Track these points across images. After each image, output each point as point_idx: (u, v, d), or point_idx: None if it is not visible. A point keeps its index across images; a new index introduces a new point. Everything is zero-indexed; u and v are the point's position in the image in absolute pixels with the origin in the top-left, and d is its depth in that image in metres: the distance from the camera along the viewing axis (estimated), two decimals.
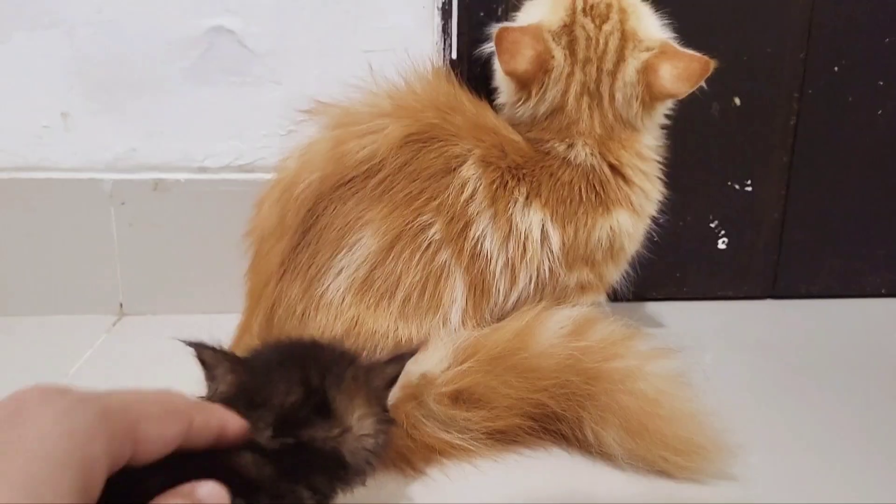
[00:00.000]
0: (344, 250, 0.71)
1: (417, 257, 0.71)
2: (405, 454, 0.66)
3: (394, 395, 0.56)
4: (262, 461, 0.45)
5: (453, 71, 0.96)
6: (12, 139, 0.97)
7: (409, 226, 0.71)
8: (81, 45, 0.95)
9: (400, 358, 0.55)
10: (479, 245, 0.73)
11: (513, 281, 0.75)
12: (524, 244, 0.74)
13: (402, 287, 0.71)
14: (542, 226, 0.75)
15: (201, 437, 0.42)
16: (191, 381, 0.82)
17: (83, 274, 1.00)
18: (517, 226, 0.74)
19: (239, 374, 0.52)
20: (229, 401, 0.49)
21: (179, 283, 1.01)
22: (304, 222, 0.72)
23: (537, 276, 0.75)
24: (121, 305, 1.02)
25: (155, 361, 0.89)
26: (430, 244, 0.71)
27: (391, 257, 0.71)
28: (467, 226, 0.72)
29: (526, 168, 0.76)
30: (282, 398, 0.48)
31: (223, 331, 0.82)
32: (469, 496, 0.65)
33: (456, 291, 0.73)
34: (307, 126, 0.82)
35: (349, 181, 0.72)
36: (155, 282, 1.01)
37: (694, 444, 0.66)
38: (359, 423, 0.50)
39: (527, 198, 0.75)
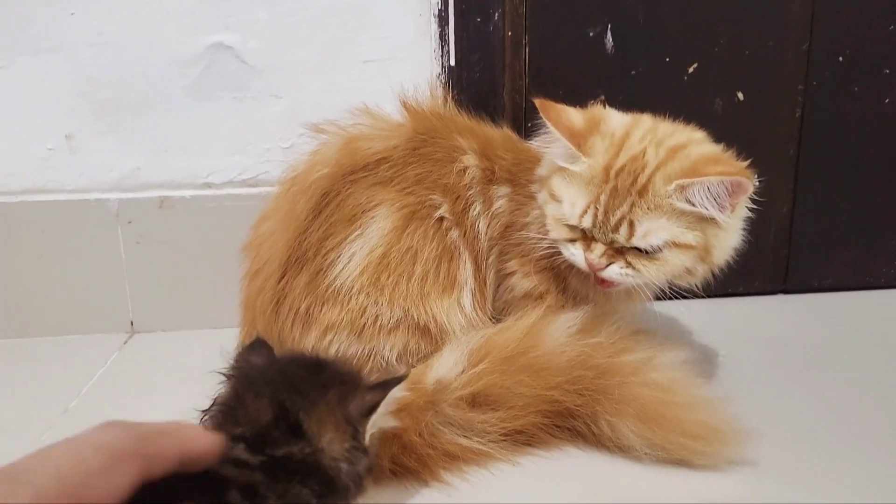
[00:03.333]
0: (357, 231, 0.72)
1: (432, 233, 0.74)
2: (426, 463, 0.66)
3: (379, 422, 0.55)
4: (247, 472, 0.46)
5: (451, 77, 0.97)
6: (19, 163, 0.98)
7: (423, 202, 0.75)
8: (83, 68, 0.96)
9: (383, 386, 0.54)
10: (476, 225, 0.77)
11: (493, 267, 0.79)
12: (494, 218, 0.78)
13: (420, 262, 0.73)
14: (504, 198, 0.79)
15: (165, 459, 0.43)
16: (200, 396, 0.83)
17: (93, 293, 1.01)
18: (492, 204, 0.79)
19: (233, 384, 0.54)
20: (219, 411, 0.52)
21: (188, 298, 1.02)
22: (317, 206, 0.74)
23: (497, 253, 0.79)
24: (131, 323, 1.02)
25: (166, 378, 0.90)
26: (442, 220, 0.75)
27: (407, 233, 0.73)
28: (467, 207, 0.77)
29: (508, 159, 0.80)
30: (256, 417, 0.49)
31: (232, 345, 0.83)
32: (491, 501, 0.65)
33: (467, 271, 0.76)
34: (310, 139, 0.83)
35: (363, 167, 0.75)
36: (164, 298, 1.02)
37: (711, 428, 0.66)
38: (329, 446, 0.50)
39: (503, 181, 0.80)
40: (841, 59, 1.01)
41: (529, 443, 0.70)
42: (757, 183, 0.69)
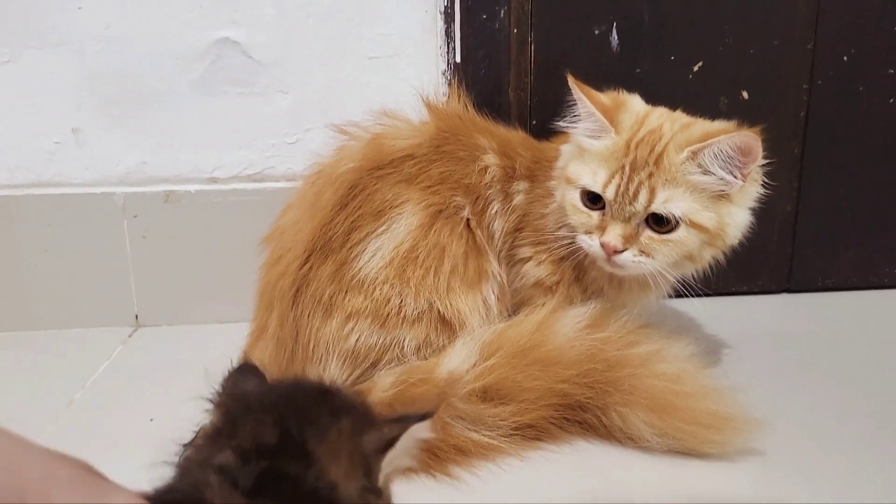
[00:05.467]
0: (384, 226, 0.74)
1: (459, 230, 0.76)
2: (437, 455, 0.67)
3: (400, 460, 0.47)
4: (229, 486, 0.40)
5: (457, 73, 0.97)
6: (26, 156, 0.98)
7: (448, 202, 0.76)
8: (90, 62, 0.96)
9: (403, 420, 0.46)
10: (492, 225, 0.79)
11: (506, 259, 0.80)
12: (511, 212, 0.80)
13: (448, 257, 0.74)
14: (523, 193, 0.81)
15: None
16: (205, 389, 0.83)
17: (99, 286, 1.01)
18: (512, 199, 0.80)
19: (226, 409, 0.47)
20: (211, 434, 0.45)
21: (193, 293, 1.02)
22: (344, 198, 0.75)
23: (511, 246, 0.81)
24: (136, 317, 1.03)
25: (170, 372, 0.90)
26: (466, 221, 0.77)
27: (434, 230, 0.74)
28: (486, 206, 0.78)
29: (527, 157, 0.82)
30: (256, 436, 0.42)
31: (238, 339, 0.83)
32: (501, 496, 0.65)
33: (493, 266, 0.77)
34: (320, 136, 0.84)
35: (389, 163, 0.77)
36: (169, 292, 1.02)
37: (721, 417, 0.67)
38: (344, 481, 0.42)
39: (523, 177, 0.81)
40: (846, 58, 1.01)
41: (539, 437, 0.70)
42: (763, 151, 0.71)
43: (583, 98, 0.73)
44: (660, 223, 0.71)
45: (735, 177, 0.69)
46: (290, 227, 0.78)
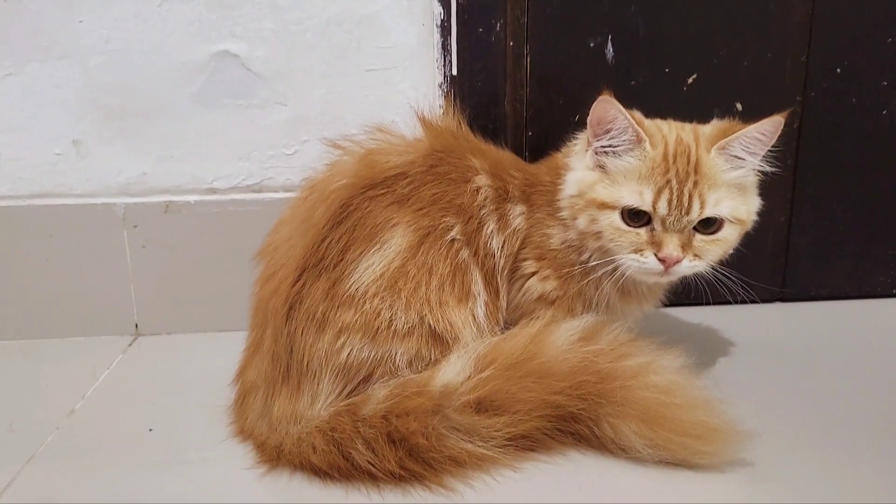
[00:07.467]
0: (376, 246, 0.74)
1: (445, 251, 0.76)
2: (432, 466, 0.68)
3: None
4: None
5: (453, 86, 0.98)
6: (28, 167, 1.00)
7: (436, 225, 0.77)
8: (92, 75, 0.97)
9: None
10: (489, 243, 0.79)
11: (508, 277, 0.81)
12: (512, 235, 0.81)
13: (436, 274, 0.75)
14: (522, 216, 0.82)
15: None
16: (204, 398, 0.84)
17: (99, 296, 1.02)
18: (510, 222, 0.81)
19: None
20: None
21: (193, 302, 1.03)
22: (336, 216, 0.75)
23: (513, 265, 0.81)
24: (136, 326, 1.04)
25: (170, 381, 0.91)
26: (453, 241, 0.77)
27: (422, 250, 0.75)
28: (480, 226, 0.79)
29: (519, 179, 0.83)
30: None
31: (236, 348, 0.84)
32: None
33: (478, 285, 0.78)
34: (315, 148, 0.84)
35: (381, 181, 0.77)
36: (169, 302, 1.03)
37: (710, 428, 0.68)
38: None
39: (518, 200, 0.82)
40: (839, 70, 1.03)
41: (533, 448, 0.71)
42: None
43: (623, 112, 0.73)
44: (707, 226, 0.74)
45: (758, 159, 0.75)
46: (283, 244, 0.79)
